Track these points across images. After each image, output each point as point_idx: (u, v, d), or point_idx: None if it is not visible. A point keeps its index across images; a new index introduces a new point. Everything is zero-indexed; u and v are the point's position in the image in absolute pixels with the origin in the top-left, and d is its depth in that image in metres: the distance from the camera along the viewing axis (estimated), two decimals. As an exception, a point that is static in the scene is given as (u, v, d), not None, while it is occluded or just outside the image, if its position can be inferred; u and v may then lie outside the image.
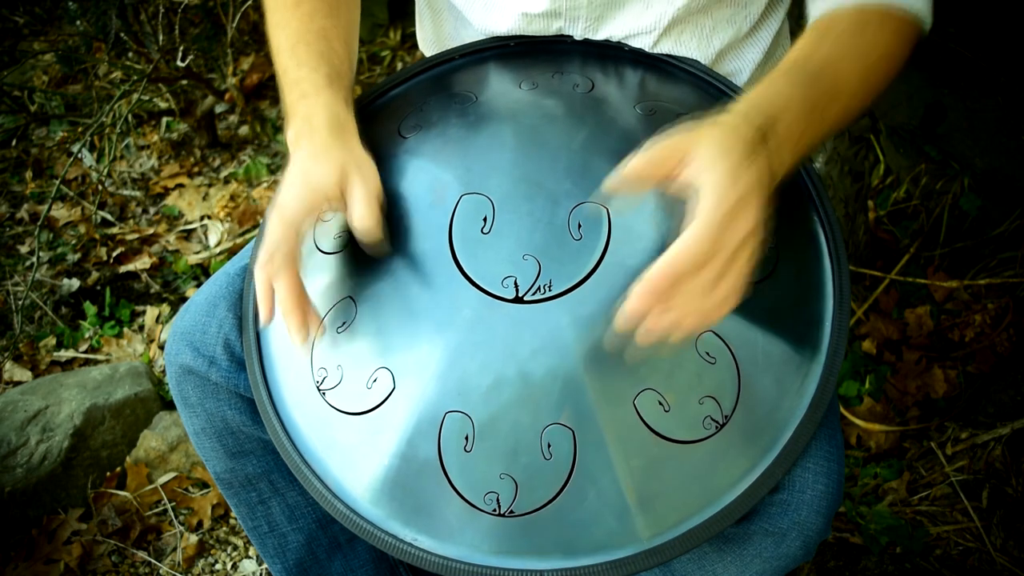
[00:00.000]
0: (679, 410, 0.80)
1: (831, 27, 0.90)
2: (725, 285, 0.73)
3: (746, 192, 0.72)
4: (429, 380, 0.82)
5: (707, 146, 0.74)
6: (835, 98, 0.85)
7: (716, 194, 0.71)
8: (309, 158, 0.88)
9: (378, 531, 0.83)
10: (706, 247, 0.71)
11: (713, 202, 0.71)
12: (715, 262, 0.72)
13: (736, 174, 0.72)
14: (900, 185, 1.99)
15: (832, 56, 0.86)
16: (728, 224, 0.71)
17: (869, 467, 1.64)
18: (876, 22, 0.90)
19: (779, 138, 0.78)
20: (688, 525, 0.80)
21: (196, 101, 2.54)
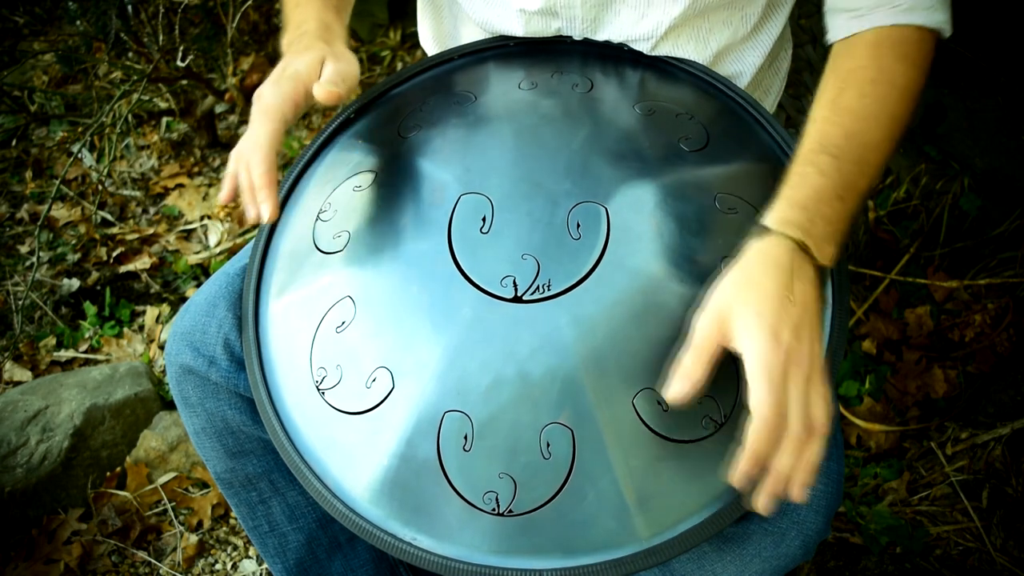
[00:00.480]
0: (678, 410, 0.80)
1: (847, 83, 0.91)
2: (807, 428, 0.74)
3: (792, 342, 0.74)
4: (428, 380, 0.82)
5: (743, 313, 0.75)
6: (865, 169, 0.87)
7: (764, 371, 0.73)
8: (292, 55, 0.97)
9: (377, 531, 0.83)
10: (772, 423, 0.72)
11: (763, 380, 0.73)
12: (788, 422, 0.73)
13: (777, 334, 0.74)
14: (900, 185, 1.99)
15: (855, 125, 0.88)
16: (783, 388, 0.73)
17: (869, 467, 1.64)
18: (893, 55, 0.92)
19: (819, 236, 0.81)
20: (687, 525, 0.80)
21: (196, 101, 2.54)
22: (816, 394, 0.75)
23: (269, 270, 0.97)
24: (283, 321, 0.93)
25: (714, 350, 0.76)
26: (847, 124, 0.88)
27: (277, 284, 0.96)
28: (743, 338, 0.74)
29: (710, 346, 0.76)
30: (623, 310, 0.83)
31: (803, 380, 0.74)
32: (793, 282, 0.77)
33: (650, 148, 0.92)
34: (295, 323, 0.92)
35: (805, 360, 0.75)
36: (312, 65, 0.95)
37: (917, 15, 0.93)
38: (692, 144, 0.93)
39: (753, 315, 0.75)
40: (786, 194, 0.83)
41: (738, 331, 0.75)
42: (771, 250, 0.79)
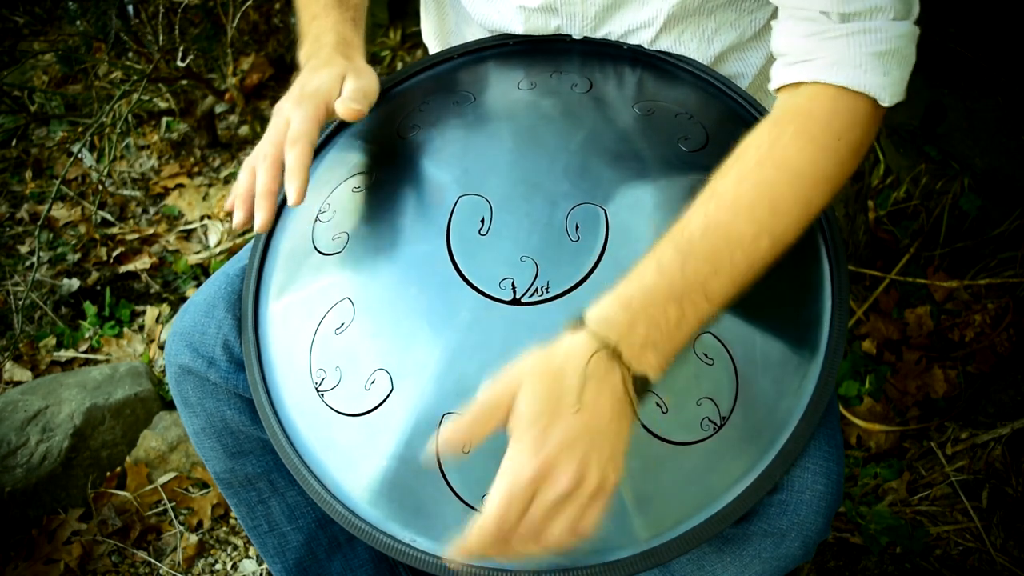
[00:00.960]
0: (677, 411, 0.80)
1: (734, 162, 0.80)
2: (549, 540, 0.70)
3: (556, 454, 0.68)
4: (427, 381, 0.82)
5: (523, 403, 0.70)
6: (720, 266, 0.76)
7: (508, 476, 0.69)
8: (310, 70, 0.95)
9: (376, 532, 0.83)
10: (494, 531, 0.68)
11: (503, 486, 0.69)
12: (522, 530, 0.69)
13: (541, 441, 0.69)
14: (900, 185, 1.98)
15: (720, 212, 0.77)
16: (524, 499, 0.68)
17: (869, 467, 1.64)
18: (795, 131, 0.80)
19: (639, 343, 0.72)
20: (686, 526, 0.80)
21: (196, 101, 2.54)
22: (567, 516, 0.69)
23: (268, 271, 0.97)
24: (282, 322, 0.93)
25: (495, 419, 0.71)
26: (711, 213, 0.77)
27: (276, 285, 0.96)
28: (512, 431, 0.70)
29: (487, 418, 0.71)
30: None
31: (555, 499, 0.69)
32: (585, 390, 0.70)
33: (649, 149, 0.92)
34: (294, 324, 0.92)
35: (565, 480, 0.68)
36: (333, 81, 0.93)
37: (844, 74, 0.80)
38: (691, 144, 0.93)
39: (528, 411, 0.69)
40: (618, 288, 0.74)
41: (512, 421, 0.70)
42: (576, 350, 0.71)
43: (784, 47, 0.85)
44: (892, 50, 0.81)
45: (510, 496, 0.68)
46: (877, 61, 0.80)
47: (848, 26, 0.81)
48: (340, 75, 0.94)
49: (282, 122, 0.91)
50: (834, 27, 0.81)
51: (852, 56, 0.80)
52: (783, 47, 0.86)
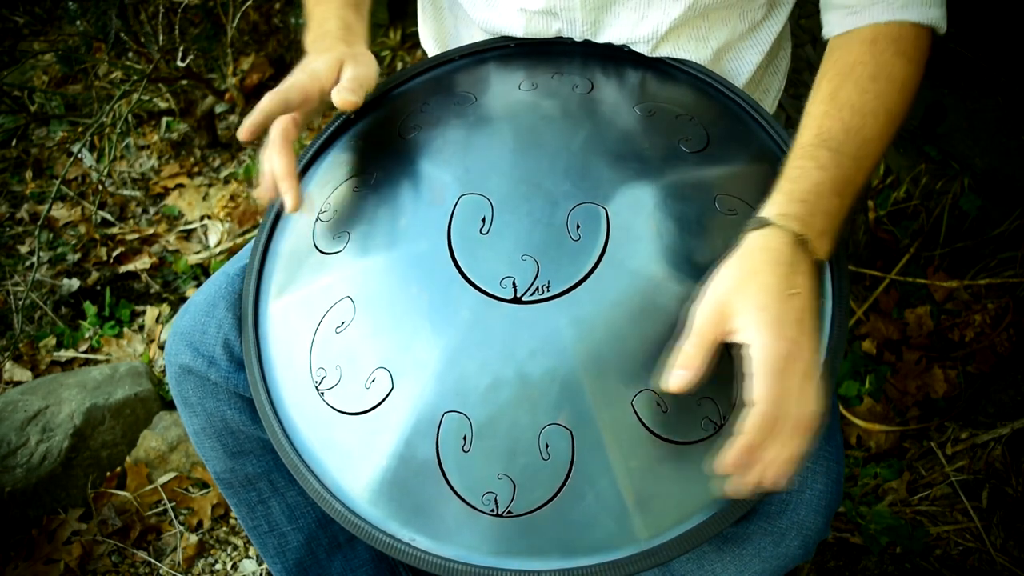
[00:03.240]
0: (677, 411, 0.80)
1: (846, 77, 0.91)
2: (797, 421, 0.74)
3: (793, 335, 0.74)
4: (427, 380, 0.82)
5: (744, 305, 0.75)
6: (862, 164, 0.87)
7: (766, 363, 0.73)
8: (313, 54, 0.97)
9: (376, 531, 0.83)
10: (771, 416, 0.72)
11: (765, 372, 0.73)
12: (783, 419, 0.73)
13: (780, 326, 0.74)
14: (900, 185, 1.98)
15: (853, 119, 0.88)
16: (784, 381, 0.73)
17: (869, 467, 1.64)
18: (891, 51, 0.92)
19: (818, 230, 0.81)
20: (686, 526, 0.80)
21: (196, 101, 2.54)
22: (811, 389, 0.74)
23: (269, 270, 0.97)
24: (283, 321, 0.93)
25: (714, 341, 0.76)
26: (846, 118, 0.88)
27: (277, 284, 0.96)
28: (747, 331, 0.74)
29: (710, 336, 0.76)
30: (622, 311, 0.83)
31: (801, 375, 0.74)
32: (795, 276, 0.77)
33: (650, 149, 0.92)
34: (295, 323, 0.92)
35: (806, 354, 0.74)
36: (330, 66, 0.95)
37: (912, 11, 0.93)
38: (692, 145, 0.93)
39: (756, 309, 0.74)
40: (785, 187, 0.83)
41: (741, 324, 0.75)
42: (771, 243, 0.79)
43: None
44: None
45: (775, 379, 0.72)
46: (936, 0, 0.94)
47: None
48: (338, 61, 0.95)
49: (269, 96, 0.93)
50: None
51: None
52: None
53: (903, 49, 0.92)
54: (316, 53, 0.97)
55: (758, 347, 0.73)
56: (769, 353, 0.73)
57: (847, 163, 0.85)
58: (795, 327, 0.75)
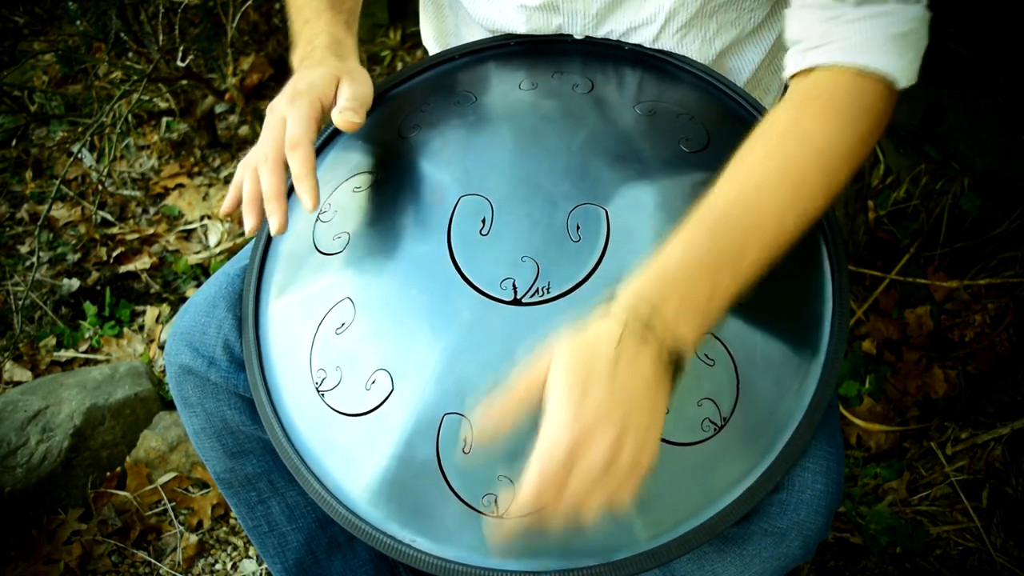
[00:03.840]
0: (677, 412, 0.80)
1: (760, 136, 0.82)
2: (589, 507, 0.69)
3: (593, 424, 0.68)
4: (427, 382, 0.82)
5: (557, 377, 0.69)
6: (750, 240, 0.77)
7: (545, 447, 0.68)
8: (305, 69, 0.94)
9: (376, 532, 0.83)
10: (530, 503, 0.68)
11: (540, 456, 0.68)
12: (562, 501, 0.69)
13: (577, 411, 0.68)
14: (900, 185, 1.98)
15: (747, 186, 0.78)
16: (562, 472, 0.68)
17: (869, 467, 1.64)
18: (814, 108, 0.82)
19: (671, 315, 0.72)
20: (686, 527, 0.80)
21: (196, 101, 2.54)
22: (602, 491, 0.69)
23: (269, 271, 0.97)
24: (283, 322, 0.93)
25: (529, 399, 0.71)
26: (739, 187, 0.78)
27: (277, 285, 0.96)
28: (547, 403, 0.69)
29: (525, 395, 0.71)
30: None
31: (591, 471, 0.68)
32: (618, 365, 0.69)
33: (650, 149, 0.92)
34: (295, 324, 0.92)
35: (602, 450, 0.68)
36: (327, 80, 0.92)
37: (863, 55, 0.82)
38: (693, 145, 0.93)
39: (563, 383, 0.69)
40: (648, 265, 0.75)
41: (547, 394, 0.70)
42: (608, 324, 0.71)
43: (799, 34, 0.86)
44: (907, 32, 0.82)
45: (548, 467, 0.67)
46: (893, 44, 0.82)
47: (863, 10, 0.82)
48: (334, 75, 0.93)
49: (278, 121, 0.90)
50: (850, 11, 0.83)
51: (870, 39, 0.82)
52: (798, 34, 0.87)
53: (835, 106, 0.82)
54: (308, 67, 0.95)
55: (544, 431, 0.68)
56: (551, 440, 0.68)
57: (726, 241, 0.75)
58: (600, 416, 0.68)
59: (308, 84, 0.91)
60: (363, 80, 0.96)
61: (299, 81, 0.92)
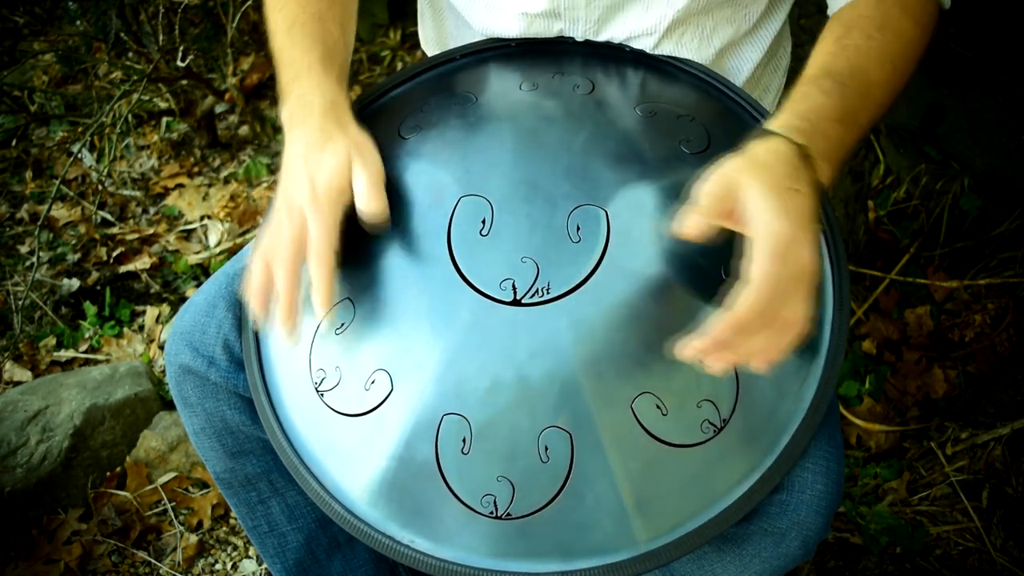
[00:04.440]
0: (677, 413, 0.80)
1: (852, 26, 0.90)
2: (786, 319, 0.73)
3: (796, 225, 0.73)
4: (427, 382, 0.82)
5: (753, 184, 0.73)
6: (866, 103, 0.86)
7: (770, 241, 0.71)
8: (309, 148, 0.90)
9: (375, 533, 0.83)
10: (766, 296, 0.71)
11: (768, 251, 0.71)
12: (775, 305, 0.72)
13: (785, 210, 0.72)
14: (900, 185, 1.98)
15: (859, 60, 0.87)
16: (783, 267, 0.71)
17: (869, 467, 1.64)
18: (898, 9, 0.91)
19: (820, 151, 0.79)
20: (686, 528, 0.80)
21: (196, 101, 2.54)
22: (805, 291, 0.73)
23: (268, 271, 0.97)
24: (282, 322, 0.93)
25: (720, 211, 0.74)
26: (851, 59, 0.87)
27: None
28: (752, 209, 0.73)
29: (717, 205, 0.74)
30: (622, 313, 0.82)
31: (800, 268, 0.72)
32: (799, 176, 0.75)
33: (651, 150, 0.92)
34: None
35: (806, 250, 0.72)
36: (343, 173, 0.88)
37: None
38: (693, 146, 0.93)
39: (764, 189, 0.73)
40: (788, 107, 0.83)
41: (746, 201, 0.73)
42: (777, 146, 0.77)
43: None
44: None
45: (777, 257, 0.71)
46: None
47: None
48: (346, 160, 0.88)
49: (298, 220, 0.86)
50: None
51: None
52: None
53: (910, 9, 0.92)
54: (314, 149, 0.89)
55: (762, 226, 0.72)
56: (772, 233, 0.71)
57: (851, 96, 0.84)
58: (798, 219, 0.73)
59: (327, 185, 0.87)
60: (369, 149, 0.91)
61: (315, 177, 0.87)
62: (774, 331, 0.73)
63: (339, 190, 0.87)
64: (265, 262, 0.86)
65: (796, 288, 0.72)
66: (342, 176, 0.88)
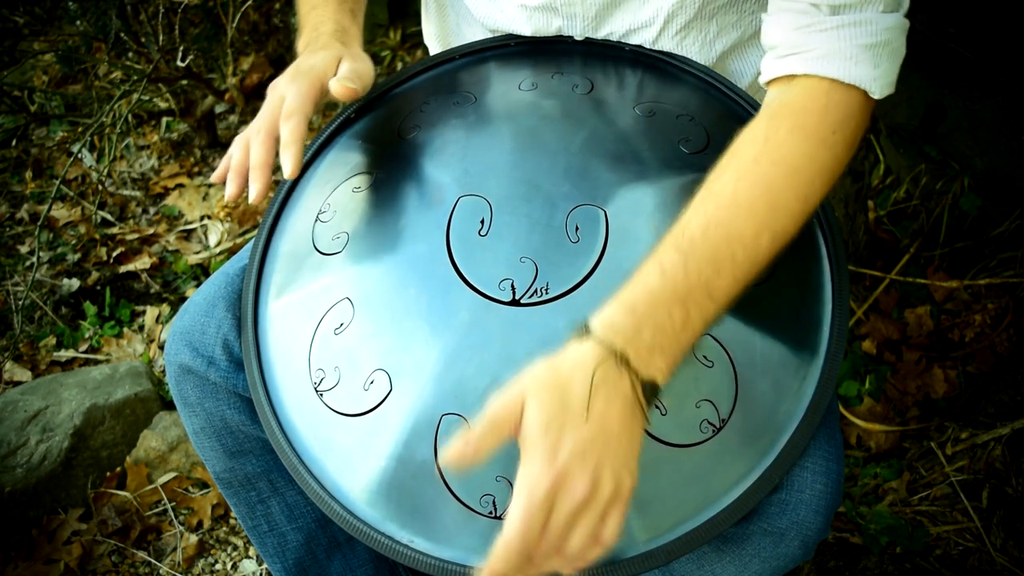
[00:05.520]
0: (676, 413, 0.80)
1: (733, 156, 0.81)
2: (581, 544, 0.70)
3: (570, 463, 0.68)
4: (426, 382, 0.82)
5: (532, 415, 0.69)
6: (723, 266, 0.76)
7: (525, 489, 0.68)
8: (308, 54, 0.97)
9: (374, 532, 0.83)
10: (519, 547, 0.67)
11: (522, 499, 0.68)
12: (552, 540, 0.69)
13: (553, 452, 0.68)
14: (900, 185, 1.98)
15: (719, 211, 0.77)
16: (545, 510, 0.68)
17: (869, 467, 1.64)
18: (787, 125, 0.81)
19: (645, 347, 0.72)
20: (685, 528, 0.80)
21: (196, 101, 2.54)
22: (587, 525, 0.69)
23: (268, 271, 0.97)
24: (282, 322, 0.93)
25: (501, 433, 0.70)
26: (711, 213, 0.77)
27: (276, 285, 0.96)
28: (523, 444, 0.69)
29: (499, 426, 0.70)
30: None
31: (572, 509, 0.68)
32: (593, 399, 0.69)
33: (650, 150, 0.92)
34: (294, 324, 0.92)
35: (580, 488, 0.68)
36: (328, 62, 0.96)
37: (836, 66, 0.81)
38: (692, 146, 0.93)
39: (538, 424, 0.68)
40: (621, 294, 0.74)
41: (522, 435, 0.69)
42: (582, 357, 0.71)
43: (775, 39, 0.86)
44: (882, 42, 0.82)
45: (529, 510, 0.67)
46: (867, 53, 0.81)
47: (838, 18, 0.82)
48: (335, 56, 0.96)
49: (276, 98, 0.93)
50: (824, 19, 0.82)
51: (843, 48, 0.81)
52: (774, 40, 0.86)
53: (807, 122, 0.80)
54: (311, 52, 0.98)
55: (521, 468, 0.69)
56: (527, 478, 0.68)
57: (700, 268, 0.74)
58: (573, 456, 0.68)
59: (310, 65, 0.94)
60: (364, 61, 0.98)
61: (301, 62, 0.95)
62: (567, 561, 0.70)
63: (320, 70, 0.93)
64: (244, 141, 0.92)
65: (584, 517, 0.69)
66: (327, 63, 0.95)
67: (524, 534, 0.67)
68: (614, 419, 0.70)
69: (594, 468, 0.69)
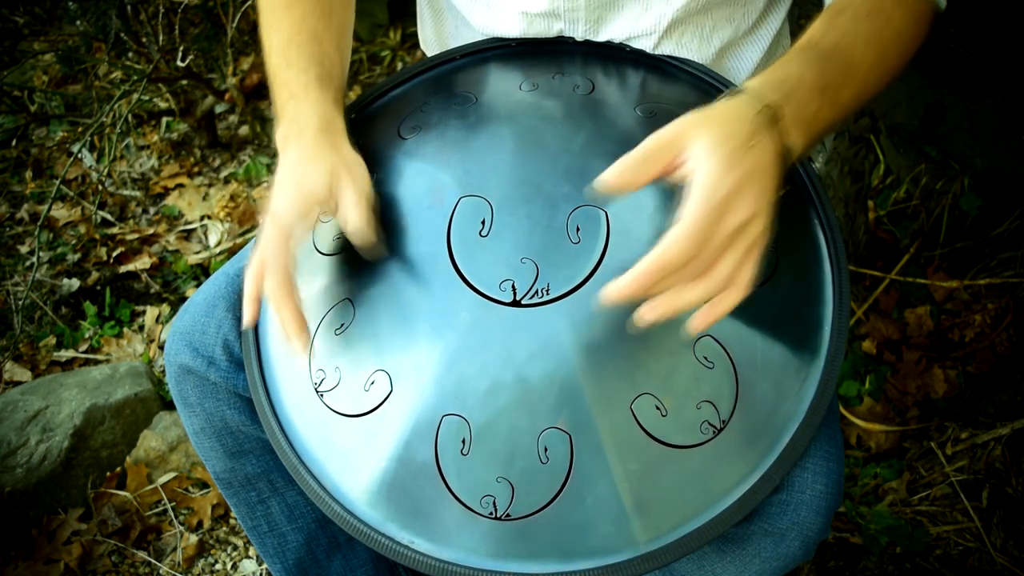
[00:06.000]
0: (676, 414, 0.80)
1: (843, 10, 0.88)
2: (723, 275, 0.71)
3: (742, 180, 0.70)
4: (426, 383, 0.82)
5: (703, 135, 0.71)
6: (848, 80, 0.83)
7: (706, 187, 0.69)
8: (299, 162, 0.88)
9: (375, 533, 0.83)
10: (694, 240, 0.69)
11: (702, 195, 0.69)
12: (707, 254, 0.70)
13: (731, 162, 0.70)
14: (900, 185, 1.99)
15: (845, 38, 0.85)
16: (719, 217, 0.69)
17: (869, 467, 1.64)
18: (889, 2, 0.89)
19: (790, 118, 0.76)
20: (685, 530, 0.80)
21: (196, 101, 2.54)
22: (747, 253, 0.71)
23: (268, 271, 0.97)
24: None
25: (659, 162, 0.72)
26: (838, 38, 0.85)
27: (276, 285, 0.95)
28: (695, 160, 0.70)
29: (657, 156, 0.72)
30: (622, 315, 0.82)
31: (736, 226, 0.70)
32: (757, 135, 0.72)
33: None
34: (294, 325, 0.92)
35: (746, 208, 0.70)
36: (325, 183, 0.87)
37: None
38: None
39: (713, 141, 0.70)
40: (766, 72, 0.80)
41: (691, 154, 0.71)
42: (740, 106, 0.75)
43: None
44: None
45: (707, 210, 0.68)
46: None
47: None
48: (330, 171, 0.88)
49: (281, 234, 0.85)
50: None
51: None
52: None
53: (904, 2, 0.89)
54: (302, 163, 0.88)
55: (702, 174, 0.69)
56: (712, 182, 0.69)
57: (833, 70, 0.82)
58: (746, 175, 0.70)
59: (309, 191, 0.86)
60: (361, 173, 0.90)
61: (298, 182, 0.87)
62: (710, 286, 0.71)
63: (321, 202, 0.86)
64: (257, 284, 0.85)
65: (736, 245, 0.70)
66: (326, 188, 0.87)
67: (705, 230, 0.68)
68: (771, 158, 0.73)
69: (758, 194, 0.71)
